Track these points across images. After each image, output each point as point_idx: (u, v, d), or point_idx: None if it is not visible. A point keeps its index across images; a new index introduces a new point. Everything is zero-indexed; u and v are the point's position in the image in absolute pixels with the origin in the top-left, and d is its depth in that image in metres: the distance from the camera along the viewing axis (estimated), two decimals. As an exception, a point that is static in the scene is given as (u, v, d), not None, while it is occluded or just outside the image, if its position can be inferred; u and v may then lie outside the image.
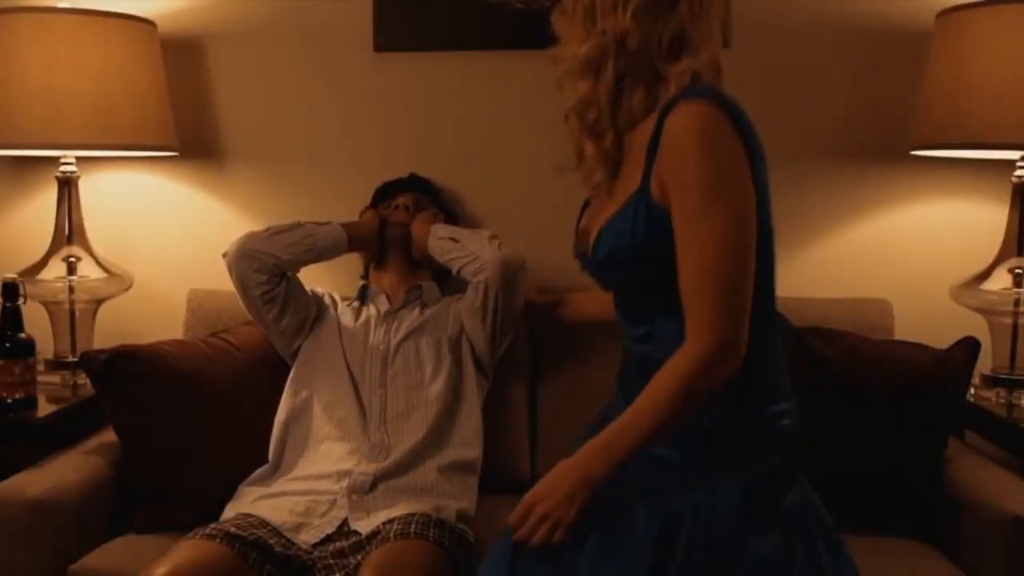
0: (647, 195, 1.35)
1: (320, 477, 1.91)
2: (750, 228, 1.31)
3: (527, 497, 1.40)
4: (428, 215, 2.19)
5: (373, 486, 1.88)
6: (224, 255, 2.04)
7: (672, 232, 1.32)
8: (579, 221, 1.58)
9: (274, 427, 2.01)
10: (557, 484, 1.37)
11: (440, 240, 2.07)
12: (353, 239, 2.12)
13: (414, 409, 1.98)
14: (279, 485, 1.93)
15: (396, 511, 1.81)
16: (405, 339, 2.05)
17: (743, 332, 1.31)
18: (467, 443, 1.99)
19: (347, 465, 1.91)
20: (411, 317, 2.09)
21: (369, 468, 1.90)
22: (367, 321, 2.10)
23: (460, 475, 1.96)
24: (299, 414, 2.01)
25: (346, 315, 2.12)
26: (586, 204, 1.59)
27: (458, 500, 1.90)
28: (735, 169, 1.31)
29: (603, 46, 1.41)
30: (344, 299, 2.19)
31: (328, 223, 2.10)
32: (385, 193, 2.29)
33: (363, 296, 2.18)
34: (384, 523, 1.77)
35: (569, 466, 1.38)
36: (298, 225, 2.07)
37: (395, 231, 2.17)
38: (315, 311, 2.11)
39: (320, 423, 1.99)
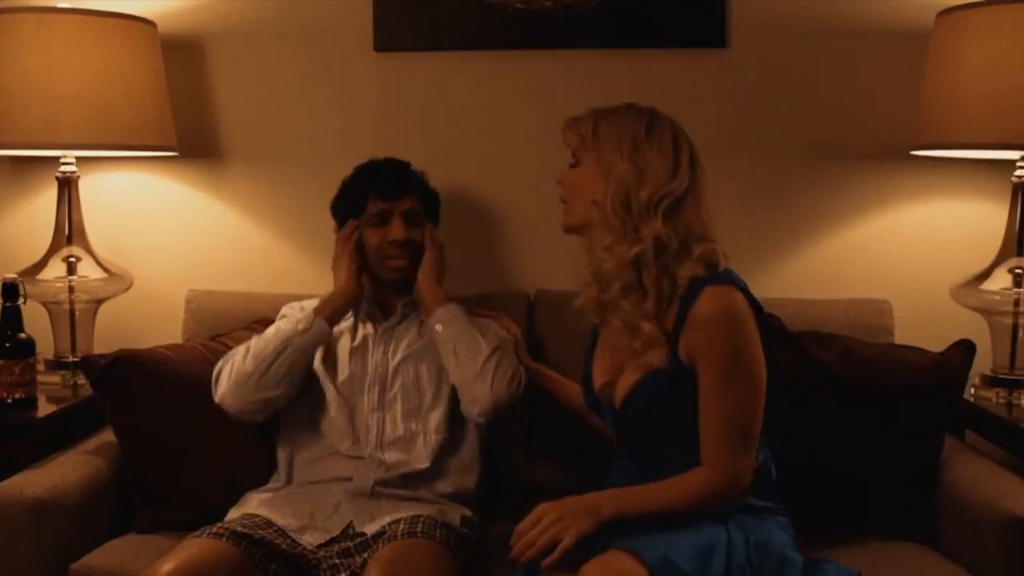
0: (677, 361, 1.60)
1: (322, 482, 1.92)
2: (763, 390, 1.60)
3: (540, 506, 1.57)
4: (431, 264, 2.03)
5: (374, 489, 1.88)
6: (219, 403, 1.93)
7: (695, 387, 1.59)
8: (587, 370, 1.80)
9: (278, 450, 2.00)
10: (572, 503, 1.57)
11: (439, 337, 1.96)
12: (333, 320, 2.00)
13: (413, 438, 1.96)
14: (284, 491, 1.94)
15: (400, 513, 1.81)
16: (403, 361, 2.01)
17: (752, 460, 1.61)
18: (466, 470, 1.98)
19: (347, 472, 1.91)
20: (409, 335, 2.04)
21: (369, 474, 1.90)
22: (364, 341, 2.04)
23: (458, 498, 1.95)
24: (298, 444, 1.99)
25: (342, 336, 2.05)
26: (589, 357, 1.81)
27: (459, 508, 1.91)
28: (753, 343, 1.58)
29: (645, 251, 1.59)
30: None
31: (310, 327, 1.95)
32: (363, 187, 2.07)
33: (357, 310, 2.08)
34: (390, 523, 1.78)
35: (588, 497, 1.58)
36: (285, 345, 1.93)
37: (394, 276, 2.05)
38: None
39: (317, 447, 1.97)
